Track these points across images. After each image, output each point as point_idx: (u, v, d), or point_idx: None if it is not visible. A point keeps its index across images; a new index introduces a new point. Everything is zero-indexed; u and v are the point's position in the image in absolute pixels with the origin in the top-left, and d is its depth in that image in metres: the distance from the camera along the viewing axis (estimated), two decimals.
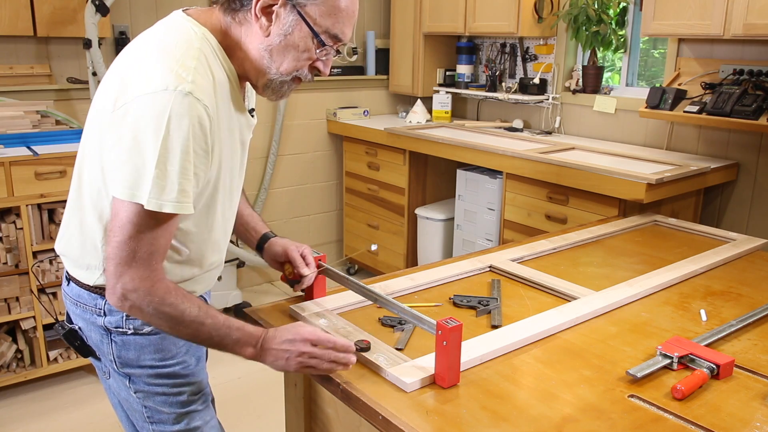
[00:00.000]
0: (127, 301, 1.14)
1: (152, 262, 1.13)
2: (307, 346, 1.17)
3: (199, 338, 1.18)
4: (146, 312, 1.14)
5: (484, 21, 3.55)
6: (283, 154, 4.05)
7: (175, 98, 1.07)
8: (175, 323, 1.16)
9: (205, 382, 1.40)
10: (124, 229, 1.10)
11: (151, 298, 1.13)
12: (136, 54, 1.17)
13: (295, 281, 1.47)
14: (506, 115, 3.93)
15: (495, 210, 3.25)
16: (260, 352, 1.19)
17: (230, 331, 1.18)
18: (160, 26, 1.21)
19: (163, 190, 1.08)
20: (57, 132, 2.81)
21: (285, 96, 1.26)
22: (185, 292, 1.19)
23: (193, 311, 1.16)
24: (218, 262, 1.36)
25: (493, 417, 1.10)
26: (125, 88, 1.11)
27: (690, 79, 2.91)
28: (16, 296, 2.66)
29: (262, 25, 1.16)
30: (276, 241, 1.50)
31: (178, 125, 1.07)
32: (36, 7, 2.94)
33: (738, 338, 1.43)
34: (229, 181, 1.27)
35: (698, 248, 2.01)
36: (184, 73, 1.09)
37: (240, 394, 2.84)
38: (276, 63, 1.19)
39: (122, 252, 1.11)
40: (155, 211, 1.09)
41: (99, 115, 1.17)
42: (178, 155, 1.08)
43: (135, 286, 1.12)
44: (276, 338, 1.19)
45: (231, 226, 1.38)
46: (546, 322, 1.44)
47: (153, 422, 1.34)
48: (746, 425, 1.10)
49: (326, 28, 1.17)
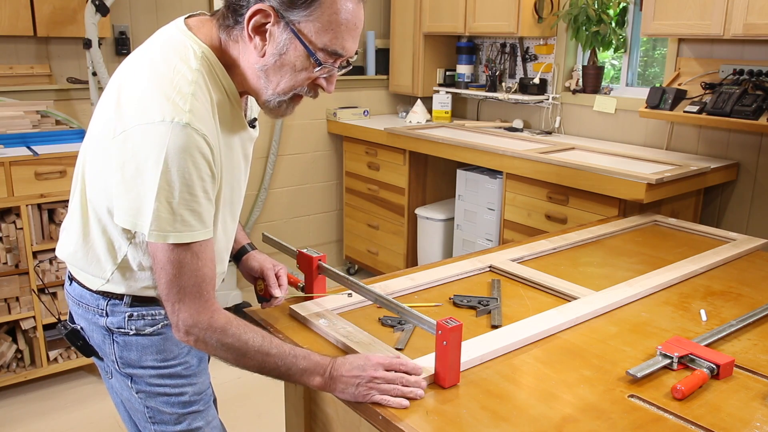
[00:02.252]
0: (191, 336, 1.13)
1: (202, 292, 1.13)
2: (379, 371, 1.14)
3: (265, 369, 1.16)
4: (211, 345, 1.14)
5: (484, 21, 3.55)
6: (283, 154, 4.05)
7: (173, 131, 1.05)
8: (240, 355, 1.15)
9: (207, 383, 1.40)
10: (165, 270, 1.10)
11: (212, 332, 1.13)
12: (133, 74, 1.14)
13: (265, 299, 1.47)
14: (506, 115, 3.93)
15: (495, 210, 3.25)
16: (329, 381, 1.15)
17: (296, 360, 1.16)
18: (158, 39, 1.17)
19: (165, 222, 1.07)
20: (57, 132, 2.81)
21: (286, 114, 1.22)
22: (246, 322, 1.18)
23: (257, 341, 1.15)
24: (221, 272, 1.35)
25: (493, 417, 1.10)
26: (123, 114, 1.09)
27: (690, 79, 2.91)
28: (16, 296, 2.66)
29: (257, 45, 1.11)
30: (254, 255, 1.49)
31: (177, 158, 1.05)
32: (36, 7, 2.94)
33: (738, 338, 1.43)
34: (229, 194, 1.25)
35: (698, 248, 2.01)
36: (181, 102, 1.06)
37: (240, 394, 2.84)
38: (272, 83, 1.15)
39: (172, 291, 1.11)
40: (188, 243, 1.09)
41: (101, 134, 1.15)
42: (178, 187, 1.06)
43: (194, 321, 1.12)
44: (345, 365, 1.16)
45: (233, 236, 1.38)
46: (546, 322, 1.44)
47: (155, 422, 1.34)
48: (746, 425, 1.10)
49: (324, 45, 1.10)
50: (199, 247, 1.12)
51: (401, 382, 1.14)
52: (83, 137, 1.26)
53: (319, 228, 4.35)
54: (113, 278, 1.23)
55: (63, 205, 2.69)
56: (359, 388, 1.13)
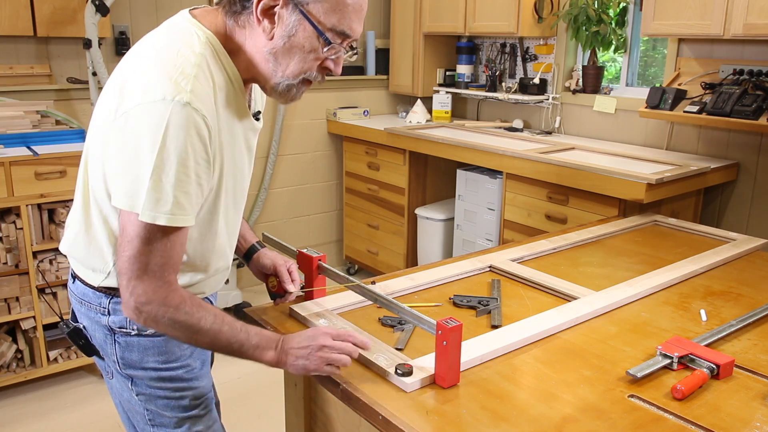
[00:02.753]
0: (142, 314, 1.13)
1: (164, 273, 1.12)
2: (327, 339, 1.17)
3: (217, 346, 1.17)
4: (162, 323, 1.14)
5: (484, 21, 3.55)
6: (283, 154, 4.05)
7: (173, 108, 1.05)
8: (192, 332, 1.15)
9: (209, 387, 1.39)
10: (132, 244, 1.09)
11: (165, 309, 1.12)
12: (137, 59, 1.15)
13: (278, 295, 1.48)
14: (506, 115, 3.93)
15: (495, 210, 3.25)
16: (280, 354, 1.18)
17: (249, 336, 1.18)
18: (163, 29, 1.19)
19: (157, 202, 1.06)
20: (57, 132, 2.81)
21: (295, 99, 1.23)
22: (200, 300, 1.18)
23: (209, 319, 1.15)
24: (224, 266, 1.35)
25: (493, 417, 1.10)
26: (125, 96, 1.10)
27: (690, 79, 2.91)
28: (16, 296, 2.66)
29: (265, 28, 1.13)
30: (265, 253, 1.50)
31: (175, 136, 1.05)
32: (36, 7, 2.94)
33: (738, 338, 1.43)
34: (232, 186, 1.25)
35: (698, 248, 2.01)
36: (183, 82, 1.07)
37: (240, 394, 2.84)
38: (282, 66, 1.16)
39: (133, 266, 1.10)
40: (163, 226, 1.08)
41: (102, 121, 1.16)
42: (174, 167, 1.06)
43: (149, 299, 1.11)
44: (296, 338, 1.19)
45: (237, 230, 1.37)
46: (546, 322, 1.44)
47: (154, 425, 1.33)
48: (746, 425, 1.10)
49: (332, 25, 1.13)
50: (174, 230, 1.11)
51: (350, 351, 1.17)
52: (83, 137, 1.27)
53: (319, 228, 4.35)
54: (114, 270, 1.22)
55: (63, 205, 2.69)
56: (310, 358, 1.16)
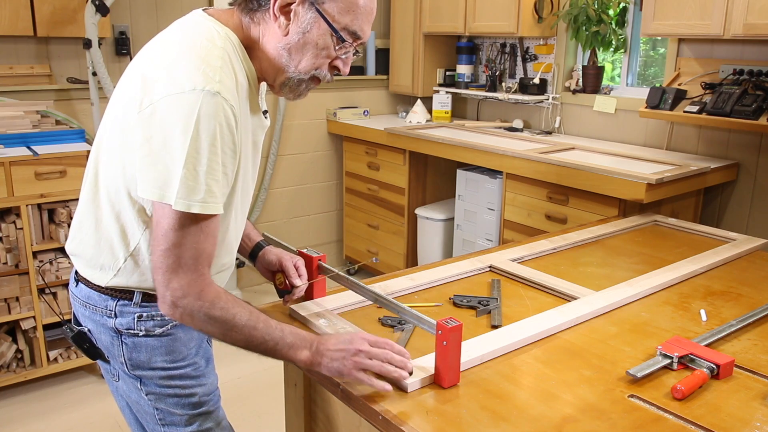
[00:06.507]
0: (177, 308, 1.12)
1: (198, 266, 1.12)
2: (364, 345, 1.15)
3: (252, 344, 1.16)
4: (197, 318, 1.13)
5: (484, 21, 3.55)
6: (283, 154, 4.05)
7: (203, 98, 1.06)
8: (227, 328, 1.14)
9: (215, 384, 1.39)
10: (167, 237, 1.10)
11: (201, 303, 1.12)
12: (156, 54, 1.16)
13: (286, 292, 1.48)
14: (506, 115, 3.93)
15: (495, 210, 3.25)
16: (315, 355, 1.16)
17: (284, 334, 1.17)
18: (179, 25, 1.20)
19: (192, 190, 1.07)
20: (57, 132, 2.81)
21: (302, 95, 1.26)
22: (234, 296, 1.18)
23: (244, 315, 1.15)
24: (230, 263, 1.35)
25: (493, 417, 1.10)
26: (150, 88, 1.10)
27: (690, 79, 2.91)
28: (16, 296, 2.66)
29: (281, 24, 1.16)
30: (271, 249, 1.50)
31: (207, 125, 1.07)
32: (36, 7, 2.94)
33: (738, 338, 1.43)
34: (242, 181, 1.26)
35: (698, 248, 2.01)
36: (212, 73, 1.09)
37: (240, 394, 2.84)
38: (294, 61, 1.19)
39: (168, 260, 1.10)
40: (195, 215, 1.09)
41: (119, 115, 1.16)
42: (206, 155, 1.07)
43: (184, 293, 1.11)
44: (332, 339, 1.18)
45: (242, 228, 1.38)
46: (546, 322, 1.44)
47: (165, 425, 1.33)
48: (746, 425, 1.10)
49: (345, 25, 1.17)
50: (206, 220, 1.12)
51: (386, 359, 1.15)
52: (83, 137, 1.27)
53: (319, 228, 4.35)
54: (125, 268, 1.22)
55: (63, 205, 2.69)
56: (344, 361, 1.14)
